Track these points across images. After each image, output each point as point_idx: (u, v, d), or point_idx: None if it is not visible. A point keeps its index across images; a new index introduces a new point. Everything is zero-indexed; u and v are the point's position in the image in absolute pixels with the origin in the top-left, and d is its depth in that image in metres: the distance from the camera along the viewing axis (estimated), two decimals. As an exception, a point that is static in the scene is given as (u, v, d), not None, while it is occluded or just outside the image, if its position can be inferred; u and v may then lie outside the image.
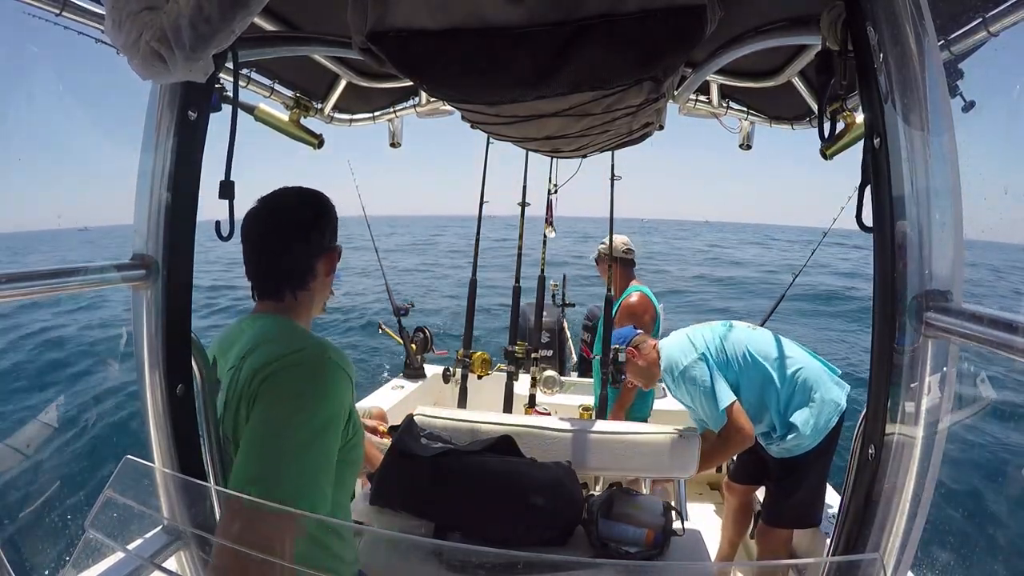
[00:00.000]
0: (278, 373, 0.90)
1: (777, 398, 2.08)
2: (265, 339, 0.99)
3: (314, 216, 1.08)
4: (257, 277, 1.07)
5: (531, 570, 0.60)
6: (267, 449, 0.86)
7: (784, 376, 2.09)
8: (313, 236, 1.07)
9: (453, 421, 2.06)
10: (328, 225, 1.10)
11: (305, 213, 1.08)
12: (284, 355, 0.92)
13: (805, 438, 2.03)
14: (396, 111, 2.09)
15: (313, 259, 1.07)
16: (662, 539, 1.69)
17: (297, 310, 1.07)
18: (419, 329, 3.68)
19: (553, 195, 2.90)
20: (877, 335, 0.86)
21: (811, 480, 2.14)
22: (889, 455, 0.84)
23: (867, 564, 0.70)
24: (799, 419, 2.04)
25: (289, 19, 1.33)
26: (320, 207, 1.10)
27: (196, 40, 0.70)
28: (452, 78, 0.88)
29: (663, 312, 3.00)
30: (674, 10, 0.75)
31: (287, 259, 1.06)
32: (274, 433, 0.87)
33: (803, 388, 2.07)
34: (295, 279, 1.06)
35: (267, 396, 0.89)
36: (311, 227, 1.07)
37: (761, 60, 1.57)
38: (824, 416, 2.03)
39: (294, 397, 0.89)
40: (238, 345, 1.02)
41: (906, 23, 0.77)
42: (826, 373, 2.12)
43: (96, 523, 0.68)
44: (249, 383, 0.91)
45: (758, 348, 2.14)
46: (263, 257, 1.06)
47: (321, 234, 1.08)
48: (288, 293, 1.06)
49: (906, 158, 0.79)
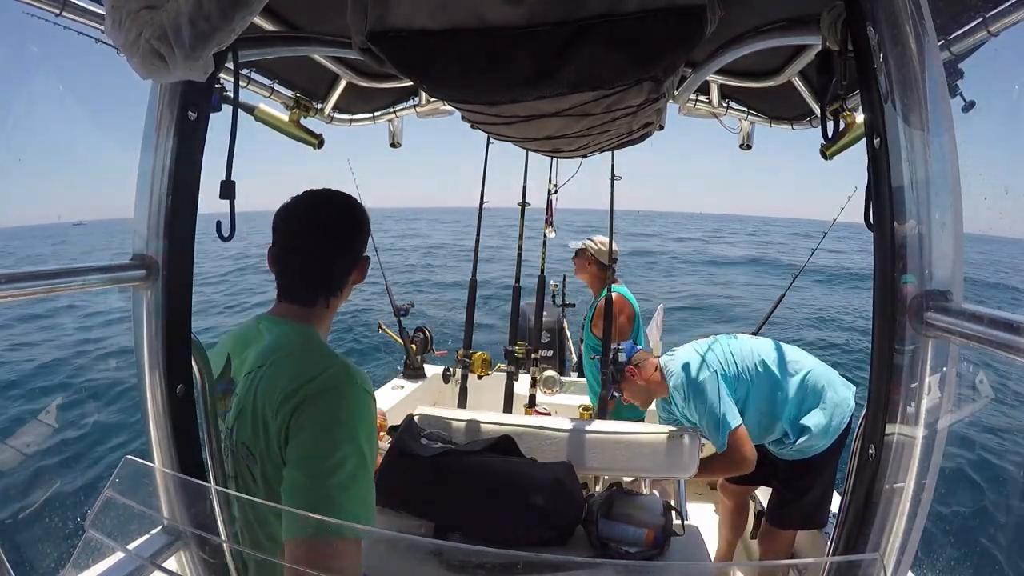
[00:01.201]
0: (311, 401, 0.89)
1: (789, 404, 2.07)
2: (287, 351, 0.98)
3: (356, 222, 1.08)
4: (290, 277, 1.06)
5: (531, 570, 0.60)
6: (319, 489, 0.85)
7: (794, 382, 2.08)
8: (356, 244, 1.08)
9: (453, 421, 2.06)
10: (366, 232, 1.10)
11: (347, 218, 1.07)
12: (313, 377, 0.91)
13: (818, 440, 2.03)
14: (396, 111, 2.09)
15: (352, 266, 1.08)
16: (662, 539, 1.69)
17: (323, 317, 1.06)
18: (419, 329, 3.68)
19: (553, 195, 2.90)
20: (877, 335, 0.86)
21: (822, 481, 2.13)
22: (889, 455, 0.84)
23: (867, 564, 0.69)
24: (812, 422, 2.03)
25: (289, 19, 1.33)
26: (360, 213, 1.09)
27: (196, 38, 0.70)
28: (452, 78, 0.88)
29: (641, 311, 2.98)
30: (674, 10, 0.75)
31: (328, 264, 1.05)
32: (322, 472, 0.86)
33: (814, 391, 2.06)
34: (332, 286, 1.05)
35: (306, 430, 0.88)
36: (354, 234, 1.07)
37: (761, 60, 1.57)
38: (837, 417, 2.03)
39: (333, 429, 0.88)
40: (255, 347, 1.01)
41: (906, 23, 0.77)
42: (834, 374, 2.12)
43: (96, 523, 0.68)
44: (277, 402, 0.90)
45: (766, 357, 2.12)
46: (301, 258, 1.05)
47: (362, 242, 1.09)
48: (322, 299, 1.05)
49: (906, 158, 0.79)
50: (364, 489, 0.88)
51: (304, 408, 0.89)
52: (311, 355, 0.98)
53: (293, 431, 0.88)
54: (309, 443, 0.88)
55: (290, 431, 0.89)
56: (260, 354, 0.99)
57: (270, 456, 0.92)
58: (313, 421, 0.88)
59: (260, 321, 1.07)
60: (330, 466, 0.86)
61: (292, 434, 0.88)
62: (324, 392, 0.90)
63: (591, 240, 2.98)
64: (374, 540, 0.94)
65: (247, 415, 0.95)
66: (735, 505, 2.49)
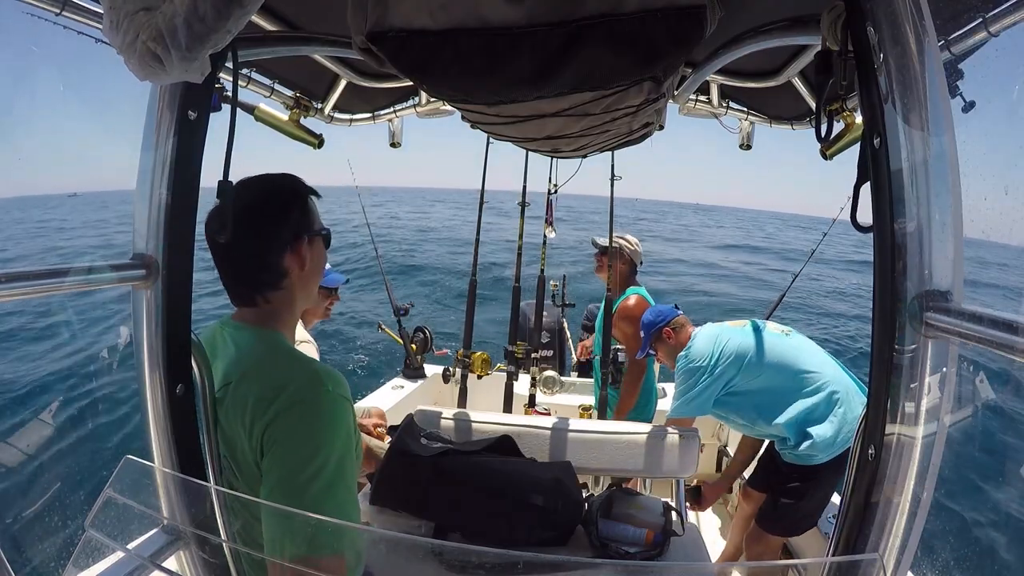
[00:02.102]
0: (282, 417, 0.86)
1: (794, 410, 2.07)
2: (253, 363, 0.95)
3: (275, 203, 0.99)
4: (225, 280, 1.00)
5: (531, 570, 0.60)
6: (295, 504, 0.83)
7: (808, 387, 2.08)
8: (279, 227, 0.97)
9: (453, 421, 2.06)
10: (290, 215, 0.98)
11: (262, 201, 0.98)
12: (279, 391, 0.88)
13: (820, 450, 2.02)
14: (396, 111, 2.09)
15: (276, 256, 0.97)
16: (662, 539, 1.69)
17: (278, 315, 1.01)
18: (419, 329, 3.68)
19: (553, 195, 2.90)
20: (877, 335, 0.86)
21: (819, 494, 2.13)
22: (889, 455, 0.84)
23: (867, 564, 0.69)
24: (816, 431, 2.02)
25: (289, 19, 1.33)
26: (283, 191, 1.00)
27: (192, 40, 0.70)
28: (452, 78, 0.87)
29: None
30: (674, 10, 0.75)
31: (250, 258, 0.98)
32: (298, 488, 0.84)
33: (827, 401, 2.05)
34: (263, 281, 0.98)
35: (278, 447, 0.86)
36: (274, 216, 0.97)
37: (761, 60, 1.57)
38: (843, 433, 2.01)
39: (306, 441, 0.86)
40: (222, 360, 0.99)
41: (906, 23, 0.77)
42: (854, 389, 2.09)
43: (96, 523, 0.68)
44: (248, 422, 0.89)
45: (784, 355, 2.13)
46: (226, 262, 0.99)
47: (278, 226, 0.97)
48: (260, 298, 0.99)
49: (906, 158, 0.79)
50: (341, 498, 0.86)
51: (275, 424, 0.86)
52: (276, 367, 0.94)
53: (267, 447, 0.87)
54: (281, 460, 0.86)
55: (264, 447, 0.87)
56: (225, 371, 0.96)
57: (249, 470, 0.91)
58: (284, 437, 0.86)
59: (224, 327, 1.03)
60: (303, 481, 0.84)
61: (266, 449, 0.87)
62: (293, 406, 0.87)
63: (625, 240, 2.96)
64: (374, 540, 0.94)
65: (223, 432, 0.94)
66: (752, 511, 2.45)
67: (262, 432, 0.87)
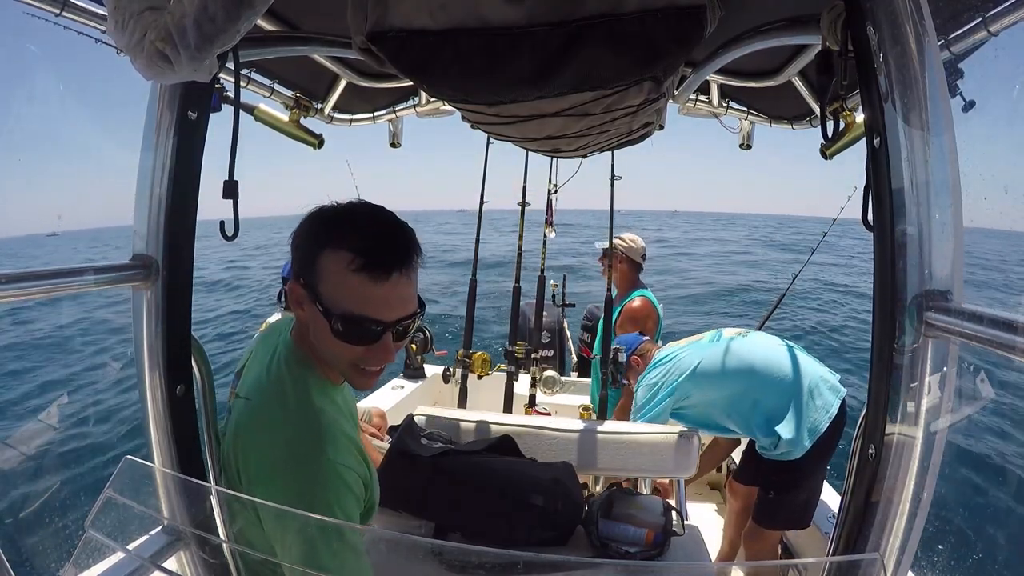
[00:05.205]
0: (272, 477, 0.86)
1: (760, 410, 2.07)
2: (265, 398, 0.93)
3: (301, 235, 0.89)
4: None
5: (531, 570, 0.60)
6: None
7: (768, 387, 2.07)
8: (296, 258, 0.89)
9: (453, 421, 2.06)
10: (306, 250, 0.87)
11: (297, 231, 0.90)
12: (273, 431, 0.87)
13: (792, 447, 2.02)
14: (396, 111, 2.09)
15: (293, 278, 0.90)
16: (662, 539, 1.69)
17: (304, 331, 0.94)
18: (419, 329, 3.68)
19: (553, 195, 2.90)
20: (877, 335, 0.86)
21: (808, 483, 2.13)
22: (889, 455, 0.84)
23: (867, 564, 0.69)
24: (783, 430, 2.02)
25: (290, 19, 1.33)
26: (310, 225, 0.89)
27: (201, 40, 0.70)
28: (452, 78, 0.88)
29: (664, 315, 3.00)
30: (674, 10, 0.75)
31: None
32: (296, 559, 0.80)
33: (787, 397, 2.05)
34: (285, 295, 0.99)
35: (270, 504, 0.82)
36: (298, 245, 0.89)
37: (761, 60, 1.57)
38: (810, 423, 2.01)
39: (294, 508, 0.80)
40: (260, 359, 0.99)
41: (906, 23, 0.77)
42: (818, 376, 2.09)
43: (96, 523, 0.68)
44: (242, 464, 0.89)
45: (742, 360, 2.12)
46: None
47: (297, 259, 0.89)
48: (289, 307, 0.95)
49: (906, 158, 0.79)
50: (346, 560, 0.83)
51: (265, 484, 0.87)
52: (279, 416, 0.91)
53: (259, 496, 0.86)
54: (275, 522, 0.84)
55: (256, 495, 0.86)
56: (247, 383, 0.97)
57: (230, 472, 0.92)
58: (276, 498, 0.84)
59: (286, 320, 1.02)
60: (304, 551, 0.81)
61: (257, 495, 0.86)
62: (288, 464, 0.86)
63: (620, 238, 2.96)
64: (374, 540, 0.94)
65: (228, 445, 0.95)
66: (743, 505, 2.46)
67: (253, 487, 0.88)
